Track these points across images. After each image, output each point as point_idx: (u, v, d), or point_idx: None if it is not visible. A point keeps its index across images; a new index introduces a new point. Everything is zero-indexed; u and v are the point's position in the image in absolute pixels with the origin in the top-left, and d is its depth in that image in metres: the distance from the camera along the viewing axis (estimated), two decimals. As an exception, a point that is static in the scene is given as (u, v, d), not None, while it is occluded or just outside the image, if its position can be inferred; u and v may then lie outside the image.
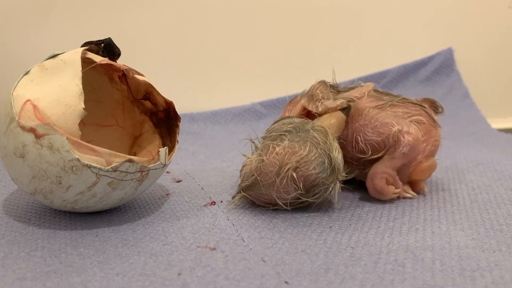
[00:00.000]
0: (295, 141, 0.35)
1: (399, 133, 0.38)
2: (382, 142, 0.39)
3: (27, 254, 0.30)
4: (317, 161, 0.35)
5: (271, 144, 0.35)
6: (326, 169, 0.35)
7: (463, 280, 0.27)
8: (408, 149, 0.38)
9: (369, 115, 0.39)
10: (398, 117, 0.39)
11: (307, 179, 0.35)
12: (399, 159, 0.38)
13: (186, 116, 0.67)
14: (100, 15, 0.69)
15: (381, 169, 0.39)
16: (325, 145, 0.35)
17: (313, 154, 0.35)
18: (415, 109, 0.40)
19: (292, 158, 0.34)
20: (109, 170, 0.32)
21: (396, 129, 0.38)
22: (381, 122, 0.39)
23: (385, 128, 0.38)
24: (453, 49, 0.75)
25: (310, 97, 0.40)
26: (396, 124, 0.38)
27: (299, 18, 0.73)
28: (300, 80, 0.73)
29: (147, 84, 0.39)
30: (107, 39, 0.36)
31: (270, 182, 0.35)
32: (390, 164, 0.39)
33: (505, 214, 0.36)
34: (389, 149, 0.39)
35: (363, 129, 0.39)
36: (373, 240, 0.32)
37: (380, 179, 0.39)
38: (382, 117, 0.39)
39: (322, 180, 0.35)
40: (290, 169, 0.34)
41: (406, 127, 0.38)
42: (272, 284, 0.26)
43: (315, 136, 0.35)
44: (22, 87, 0.33)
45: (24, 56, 0.67)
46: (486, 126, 0.69)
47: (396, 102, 0.40)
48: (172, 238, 0.33)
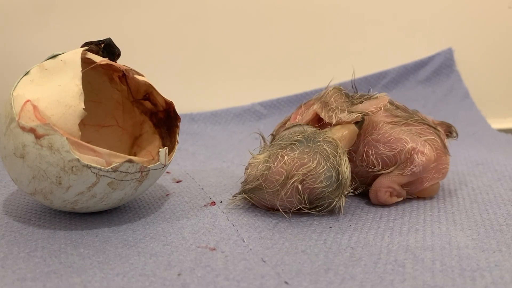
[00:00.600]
0: (304, 152, 0.35)
1: (413, 151, 0.37)
2: (393, 157, 0.38)
3: (27, 255, 0.30)
4: (324, 175, 0.34)
5: (280, 153, 0.35)
6: (333, 184, 0.34)
7: (463, 281, 0.27)
8: (419, 170, 0.38)
9: (383, 129, 0.38)
10: (413, 134, 0.38)
11: (312, 192, 0.35)
12: (407, 176, 0.38)
13: (186, 116, 0.67)
14: (100, 15, 0.69)
15: (386, 184, 0.38)
16: (335, 159, 0.35)
17: (321, 167, 0.34)
18: (429, 132, 0.39)
19: (299, 170, 0.34)
20: (109, 170, 0.32)
21: (410, 146, 0.37)
22: (394, 137, 0.38)
23: (398, 143, 0.38)
24: (453, 50, 0.75)
25: (323, 104, 0.39)
26: (410, 141, 0.38)
27: (299, 19, 0.73)
28: (300, 80, 0.73)
29: (147, 84, 0.39)
30: (107, 39, 0.36)
31: (274, 191, 0.35)
32: (397, 180, 0.38)
33: (505, 215, 0.36)
34: (400, 165, 0.38)
35: (375, 143, 0.38)
36: (373, 240, 0.32)
37: (385, 193, 0.38)
38: (396, 132, 0.38)
39: (327, 194, 0.35)
40: (296, 181, 0.34)
41: (421, 146, 0.38)
42: (272, 285, 0.26)
43: (325, 149, 0.35)
44: (22, 87, 0.33)
45: (24, 56, 0.67)
46: (486, 126, 0.68)
47: (411, 122, 0.39)
48: (172, 238, 0.33)
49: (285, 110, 0.70)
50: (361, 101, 0.39)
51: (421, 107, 0.69)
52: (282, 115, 0.68)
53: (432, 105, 0.72)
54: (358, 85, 0.43)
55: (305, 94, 0.70)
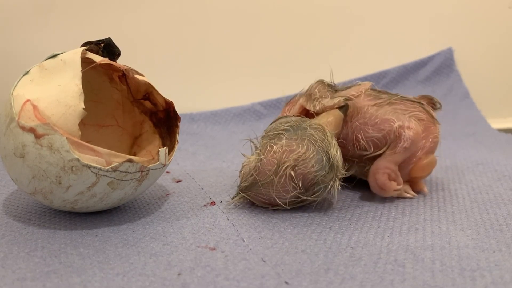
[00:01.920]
0: (292, 139, 0.35)
1: (400, 128, 0.39)
2: (383, 138, 0.39)
3: (27, 254, 0.30)
4: (315, 159, 0.35)
5: (268, 143, 0.36)
6: (325, 167, 0.35)
7: (463, 280, 0.27)
8: (409, 144, 0.38)
9: (368, 112, 0.40)
10: (398, 113, 0.39)
11: (305, 178, 0.35)
12: (401, 153, 0.39)
13: (186, 116, 0.67)
14: (100, 15, 0.69)
15: (383, 165, 0.39)
16: (323, 142, 0.35)
17: (311, 152, 0.35)
18: (413, 106, 0.41)
19: (290, 156, 0.35)
20: (109, 170, 0.32)
21: (397, 124, 0.39)
22: (381, 119, 0.39)
23: (385, 124, 0.39)
24: (453, 49, 0.75)
25: (308, 96, 0.41)
26: (396, 120, 0.39)
27: (299, 18, 0.73)
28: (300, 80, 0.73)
29: (147, 84, 0.39)
30: (107, 39, 0.36)
31: (268, 181, 0.35)
32: (392, 159, 0.39)
33: (505, 214, 0.36)
34: (391, 145, 0.39)
35: (363, 127, 0.39)
36: (373, 240, 0.32)
37: (383, 174, 0.39)
38: (381, 113, 0.39)
39: (321, 178, 0.35)
40: (288, 168, 0.34)
41: (407, 122, 0.39)
42: (272, 284, 0.26)
43: (312, 134, 0.35)
44: (22, 87, 0.33)
45: (24, 56, 0.67)
46: (486, 126, 0.68)
47: (394, 100, 0.40)
48: (172, 238, 0.33)
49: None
50: (345, 89, 0.41)
51: (421, 107, 0.69)
52: (282, 115, 0.68)
53: (432, 105, 0.71)
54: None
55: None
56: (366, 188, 0.43)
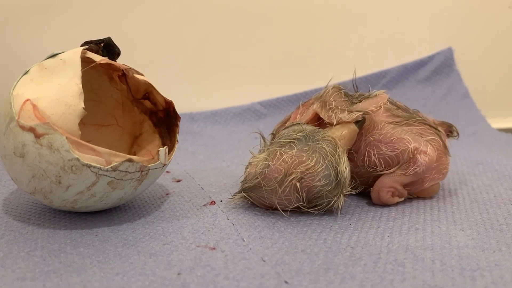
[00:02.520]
0: (303, 150, 0.35)
1: (416, 151, 0.37)
2: (395, 157, 0.38)
3: (26, 254, 0.30)
4: (323, 174, 0.34)
5: (278, 150, 0.35)
6: (332, 182, 0.34)
7: (463, 280, 0.27)
8: (422, 170, 0.37)
9: (384, 129, 0.38)
10: (414, 134, 0.38)
11: (310, 191, 0.35)
12: (410, 176, 0.38)
13: (186, 115, 0.67)
14: (100, 14, 0.69)
15: (388, 184, 0.38)
16: (333, 157, 0.34)
17: (320, 165, 0.34)
18: (430, 132, 0.39)
19: (298, 167, 0.34)
20: (109, 169, 0.32)
21: (413, 146, 0.37)
22: (397, 137, 0.38)
23: (400, 143, 0.38)
24: (453, 49, 0.75)
25: (323, 103, 0.39)
26: (413, 141, 0.38)
27: (299, 18, 0.73)
28: (300, 80, 0.73)
29: (146, 83, 0.39)
30: (107, 39, 0.36)
31: (272, 189, 0.35)
32: (399, 180, 0.38)
33: (505, 214, 0.36)
34: (402, 165, 0.38)
35: (377, 143, 0.38)
36: (373, 240, 0.32)
37: (387, 193, 0.38)
38: (398, 132, 0.38)
39: (326, 193, 0.34)
40: (294, 179, 0.34)
41: (424, 146, 0.38)
42: (272, 284, 0.26)
43: (324, 147, 0.35)
44: (22, 86, 0.33)
45: (23, 55, 0.67)
46: (486, 126, 0.68)
47: (412, 122, 0.39)
48: (172, 237, 0.33)
49: (285, 109, 0.70)
50: (361, 100, 0.39)
51: (421, 106, 0.69)
52: (282, 115, 0.68)
53: (432, 105, 0.72)
54: (358, 85, 0.43)
55: (305, 94, 0.70)
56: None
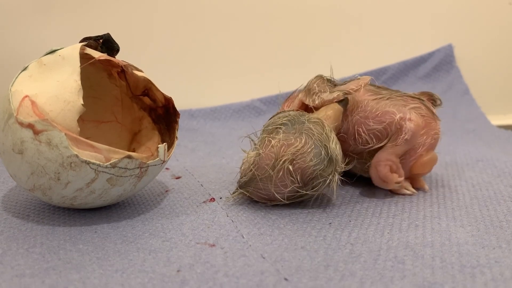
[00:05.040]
0: (290, 133, 0.35)
1: (401, 120, 0.39)
2: (384, 130, 0.39)
3: (25, 251, 0.30)
4: (313, 153, 0.35)
5: (267, 138, 0.36)
6: (323, 160, 0.35)
7: (463, 277, 0.26)
8: (410, 135, 0.39)
9: (369, 105, 0.40)
10: (398, 106, 0.40)
11: (304, 172, 0.35)
12: (402, 145, 0.39)
13: (185, 112, 0.67)
14: (99, 10, 0.69)
15: (384, 157, 0.39)
16: (321, 136, 0.35)
17: (309, 145, 0.35)
18: (413, 102, 0.41)
19: (287, 150, 0.34)
20: (108, 166, 0.31)
21: (398, 116, 0.39)
22: (382, 111, 0.39)
23: (386, 116, 0.39)
24: (453, 46, 0.75)
25: (307, 91, 0.41)
26: (397, 112, 0.39)
27: (299, 14, 0.73)
28: (299, 76, 0.73)
29: (146, 80, 0.39)
30: (106, 35, 0.36)
31: (267, 176, 0.35)
32: (393, 151, 0.39)
33: (505, 211, 0.36)
34: (392, 137, 0.39)
35: (364, 120, 0.39)
36: (373, 236, 0.32)
37: (384, 166, 0.39)
38: (382, 106, 0.39)
39: (319, 172, 0.35)
40: (286, 162, 0.34)
41: (408, 114, 0.39)
42: (271, 281, 0.26)
43: (310, 128, 0.35)
44: (20, 83, 0.33)
45: (22, 51, 0.67)
46: (486, 122, 0.68)
47: (395, 96, 0.40)
48: (171, 234, 0.32)
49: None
50: (344, 84, 0.41)
51: (421, 103, 0.69)
52: (282, 111, 0.67)
53: (432, 102, 0.71)
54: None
55: (305, 90, 0.70)
56: (366, 184, 0.43)
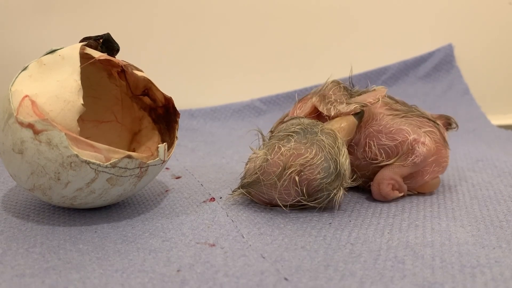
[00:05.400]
0: (301, 143, 0.34)
1: (415, 142, 0.38)
2: (395, 148, 0.38)
3: (25, 251, 0.30)
4: (322, 166, 0.34)
5: (277, 144, 0.35)
6: (331, 175, 0.34)
7: (463, 277, 0.26)
8: (420, 160, 0.38)
9: (384, 120, 0.39)
10: (413, 126, 0.39)
11: (310, 184, 0.34)
12: (409, 167, 0.38)
13: (185, 112, 0.67)
14: (99, 10, 0.69)
15: (388, 176, 0.38)
16: (333, 149, 0.34)
17: (318, 158, 0.34)
18: (428, 125, 0.39)
19: (296, 160, 0.34)
20: (108, 166, 0.31)
21: (412, 137, 0.38)
22: (396, 128, 0.38)
23: (400, 134, 0.38)
24: (453, 45, 0.75)
25: (322, 97, 0.39)
26: (412, 132, 0.38)
27: (299, 14, 0.73)
28: (300, 76, 0.73)
29: (146, 80, 0.39)
30: (106, 35, 0.36)
31: (272, 183, 0.34)
32: (399, 171, 0.38)
33: (505, 211, 0.36)
34: (401, 156, 0.38)
35: (376, 134, 0.38)
36: (373, 236, 0.32)
37: (387, 185, 0.38)
38: (397, 123, 0.38)
39: (325, 186, 0.34)
40: (293, 172, 0.34)
41: (422, 137, 0.38)
42: (271, 281, 0.26)
43: (322, 140, 0.34)
44: (20, 82, 0.32)
45: (22, 51, 0.67)
46: (486, 122, 0.68)
47: (410, 115, 0.39)
48: (171, 234, 0.32)
49: (285, 106, 0.70)
50: (360, 94, 0.39)
51: (421, 103, 0.69)
52: (282, 111, 0.67)
53: (432, 101, 0.71)
54: (358, 81, 0.43)
55: (305, 90, 0.70)
56: (366, 184, 0.42)
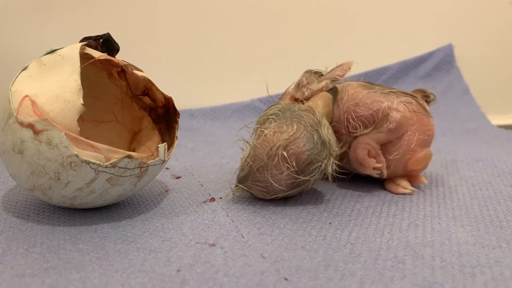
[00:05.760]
0: (282, 122, 0.36)
1: (388, 109, 0.39)
2: (371, 117, 0.39)
3: (25, 251, 0.30)
4: (306, 138, 0.35)
5: (259, 129, 0.37)
6: (316, 144, 0.35)
7: (463, 277, 0.26)
8: (394, 126, 0.39)
9: (360, 94, 0.40)
10: (389, 96, 0.40)
11: (299, 157, 0.35)
12: (385, 134, 0.39)
13: (185, 112, 0.67)
14: (99, 10, 0.69)
15: (364, 140, 0.39)
16: (312, 121, 0.36)
17: (301, 131, 0.35)
18: (405, 97, 0.41)
19: (281, 137, 0.35)
20: (108, 166, 0.31)
21: (385, 104, 0.39)
22: (372, 99, 0.40)
23: (375, 104, 0.39)
24: (453, 45, 0.75)
25: (296, 86, 0.42)
26: (385, 100, 0.39)
27: (299, 14, 0.73)
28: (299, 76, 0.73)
29: (146, 79, 0.39)
30: (106, 35, 0.36)
31: (263, 165, 0.35)
32: (375, 137, 0.39)
33: (505, 211, 0.36)
34: (377, 124, 0.39)
35: (353, 108, 0.40)
36: (373, 236, 0.32)
37: (362, 149, 0.39)
38: (373, 95, 0.40)
39: (314, 157, 0.35)
40: (280, 148, 0.35)
41: (396, 104, 0.39)
42: (271, 281, 0.26)
43: (301, 115, 0.36)
44: (20, 82, 0.32)
45: (22, 51, 0.67)
46: (486, 122, 0.68)
47: (387, 92, 0.41)
48: (171, 234, 0.32)
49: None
50: (329, 72, 0.42)
51: (421, 103, 0.69)
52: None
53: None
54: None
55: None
56: (365, 184, 0.43)
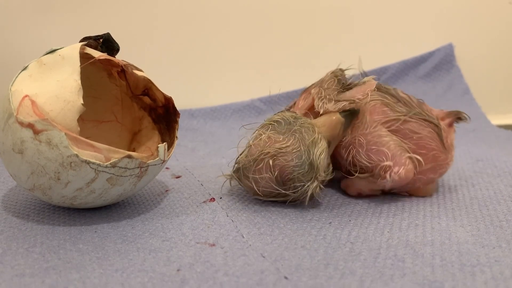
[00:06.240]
0: (281, 132, 0.36)
1: (388, 169, 0.37)
2: (370, 168, 0.38)
3: (25, 250, 0.30)
4: (296, 154, 0.35)
5: (258, 131, 0.37)
6: (304, 164, 0.35)
7: (463, 276, 0.26)
8: (389, 185, 0.38)
9: (371, 134, 0.37)
10: (399, 148, 0.37)
11: (283, 170, 0.35)
12: (380, 186, 0.38)
13: (185, 112, 0.67)
14: (99, 10, 0.69)
15: (358, 187, 0.39)
16: (309, 141, 0.36)
17: (294, 147, 0.35)
18: (427, 131, 0.38)
19: (273, 145, 0.35)
20: (108, 166, 0.31)
21: (386, 164, 0.37)
22: (377, 149, 0.37)
23: (378, 156, 0.37)
24: (453, 45, 0.75)
25: (319, 90, 0.39)
26: (390, 157, 0.37)
27: (299, 14, 0.73)
28: (299, 76, 0.73)
29: (146, 79, 0.39)
30: (106, 34, 0.36)
31: (249, 166, 0.36)
32: (369, 186, 0.39)
33: (505, 210, 0.36)
34: (375, 175, 0.38)
35: (358, 148, 0.38)
36: (373, 235, 0.32)
37: (353, 191, 0.40)
38: (382, 143, 0.37)
39: (298, 175, 0.35)
40: (267, 156, 0.35)
41: (398, 167, 0.37)
42: (271, 280, 0.26)
43: (300, 131, 0.36)
44: (20, 82, 0.33)
45: (22, 51, 0.67)
46: (486, 122, 0.68)
47: (409, 118, 0.38)
48: (171, 234, 0.32)
49: (285, 106, 0.70)
50: (350, 88, 0.39)
51: (421, 103, 0.69)
52: (282, 111, 0.67)
53: (432, 101, 0.71)
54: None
55: (305, 90, 0.70)
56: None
